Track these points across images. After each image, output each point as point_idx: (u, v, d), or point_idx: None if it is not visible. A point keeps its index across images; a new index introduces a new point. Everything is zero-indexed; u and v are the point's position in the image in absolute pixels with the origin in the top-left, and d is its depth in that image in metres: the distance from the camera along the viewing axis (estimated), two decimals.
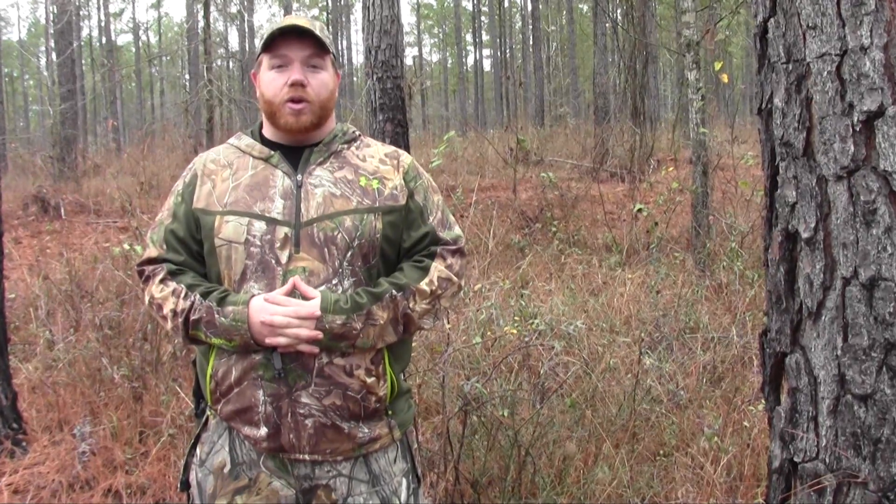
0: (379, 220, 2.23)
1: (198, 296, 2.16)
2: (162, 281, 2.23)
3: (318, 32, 2.25)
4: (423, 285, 2.24)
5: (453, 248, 2.35)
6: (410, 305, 2.22)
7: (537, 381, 4.56)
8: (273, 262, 2.15)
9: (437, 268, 2.29)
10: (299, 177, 2.24)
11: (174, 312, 2.17)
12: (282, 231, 2.16)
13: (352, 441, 2.21)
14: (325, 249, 2.17)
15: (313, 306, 2.09)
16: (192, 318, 2.15)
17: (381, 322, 2.17)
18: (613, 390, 4.67)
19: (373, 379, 2.20)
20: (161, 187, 13.11)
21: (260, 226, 2.17)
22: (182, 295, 2.18)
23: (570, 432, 4.20)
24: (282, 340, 2.08)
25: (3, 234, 4.80)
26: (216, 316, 2.12)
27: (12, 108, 53.27)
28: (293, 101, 2.23)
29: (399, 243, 2.31)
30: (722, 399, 4.68)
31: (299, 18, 2.28)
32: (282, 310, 2.08)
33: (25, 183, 14.92)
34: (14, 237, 10.81)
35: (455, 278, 2.32)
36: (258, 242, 2.16)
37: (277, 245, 2.15)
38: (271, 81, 2.26)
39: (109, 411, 4.74)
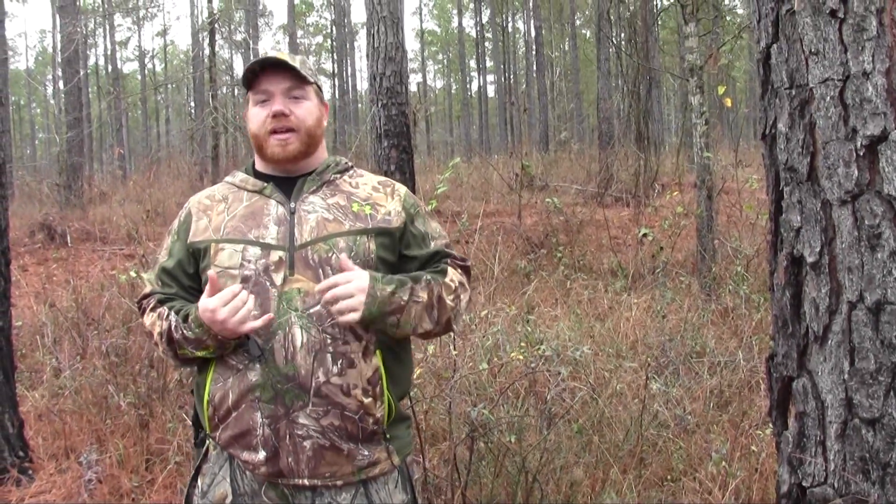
0: (372, 241, 2.27)
1: (173, 314, 2.22)
2: (153, 309, 2.30)
3: (296, 64, 2.30)
4: (447, 281, 2.31)
5: (462, 263, 2.43)
6: (442, 294, 2.27)
7: (544, 406, 4.55)
8: (267, 283, 2.18)
9: (452, 272, 2.36)
10: (292, 204, 2.29)
11: (161, 335, 2.24)
12: (276, 255, 2.20)
13: (351, 463, 2.21)
14: (321, 270, 2.20)
15: (360, 273, 2.14)
16: (175, 336, 2.20)
17: (423, 301, 2.22)
18: (620, 415, 4.66)
19: (370, 399, 2.20)
20: (167, 214, 13.14)
21: (254, 251, 2.21)
22: (164, 316, 2.24)
23: (577, 458, 4.19)
24: (251, 325, 2.10)
25: (11, 262, 4.81)
26: (185, 330, 2.17)
27: (20, 136, 53.62)
28: (277, 131, 2.29)
29: (395, 266, 2.34)
30: (729, 423, 4.66)
31: (279, 53, 2.33)
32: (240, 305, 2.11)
33: (32, 210, 14.99)
34: (20, 264, 10.82)
35: (467, 286, 2.40)
36: (252, 266, 2.20)
37: (272, 268, 2.19)
38: (255, 116, 2.33)
39: (116, 439, 4.74)
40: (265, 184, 2.34)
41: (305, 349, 2.14)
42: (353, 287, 2.11)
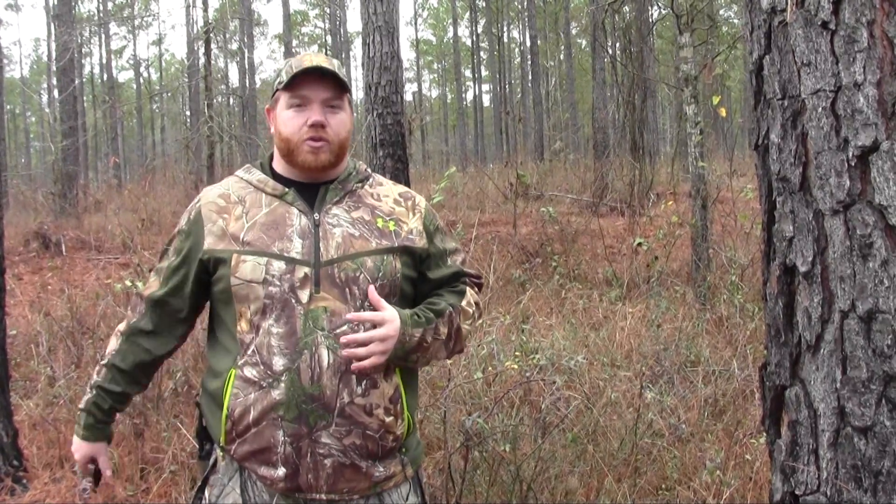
0: (397, 260, 2.25)
1: (94, 388, 2.41)
2: (119, 334, 2.42)
3: (339, 73, 2.26)
4: (465, 306, 2.33)
5: (478, 281, 2.46)
6: (460, 323, 2.30)
7: (539, 415, 4.56)
8: (293, 301, 2.14)
9: (470, 292, 2.38)
10: (316, 215, 2.24)
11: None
12: (301, 271, 2.16)
13: (368, 480, 2.20)
14: (347, 290, 2.17)
15: (392, 317, 2.15)
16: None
17: (443, 336, 2.24)
18: (615, 424, 4.66)
19: (391, 418, 2.20)
20: (162, 223, 13.14)
21: (279, 265, 2.16)
22: (96, 372, 2.43)
23: (571, 467, 4.19)
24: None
25: (5, 271, 4.81)
26: (80, 403, 2.42)
27: (14, 144, 53.54)
28: (312, 139, 2.24)
29: (416, 281, 2.35)
30: (724, 432, 4.67)
31: (319, 57, 2.28)
32: None
33: (27, 219, 14.95)
34: (15, 273, 10.81)
35: (481, 305, 2.43)
36: (277, 282, 2.15)
37: (297, 284, 2.15)
38: (290, 120, 2.26)
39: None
40: (286, 189, 2.28)
41: (332, 370, 2.12)
42: (385, 332, 2.12)
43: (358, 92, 58.12)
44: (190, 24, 40.46)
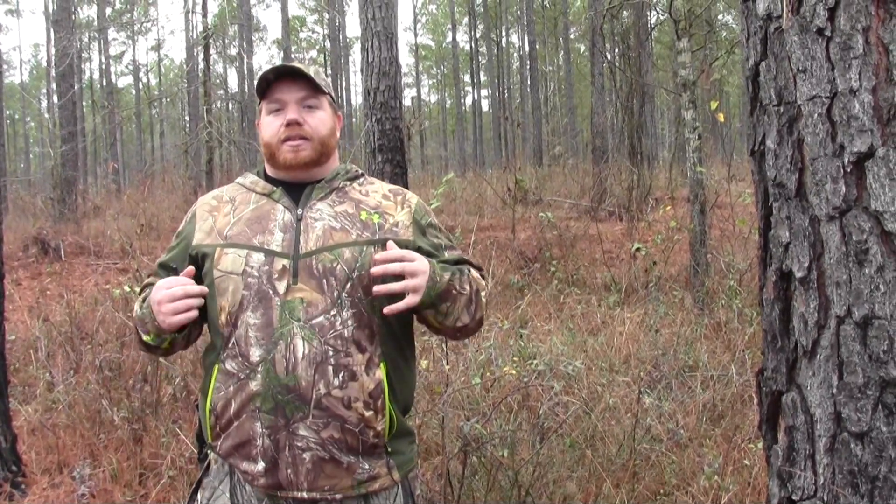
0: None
1: (140, 296, 2.31)
2: (137, 302, 2.35)
3: (311, 73, 2.30)
4: (478, 277, 2.37)
5: (479, 271, 2.46)
6: (479, 287, 2.33)
7: (537, 421, 4.56)
8: (270, 292, 2.17)
9: (475, 273, 2.39)
10: (300, 211, 2.27)
11: (133, 317, 2.29)
12: (280, 262, 2.18)
13: (350, 476, 2.19)
14: (324, 280, 2.18)
15: (419, 256, 2.18)
16: (134, 316, 2.27)
17: (467, 293, 2.26)
18: (613, 430, 4.66)
19: (371, 412, 2.18)
20: (161, 229, 13.15)
21: (258, 257, 2.19)
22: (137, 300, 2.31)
23: (570, 472, 4.19)
24: (179, 319, 2.12)
25: (4, 276, 4.81)
26: (138, 308, 2.25)
27: (14, 149, 53.53)
28: (290, 139, 2.28)
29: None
30: (722, 437, 4.67)
31: (293, 62, 2.33)
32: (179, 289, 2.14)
33: (26, 224, 14.95)
34: (14, 279, 10.81)
35: (483, 286, 2.42)
36: (256, 273, 2.18)
37: (275, 276, 2.17)
38: (268, 125, 2.32)
39: (109, 453, 4.73)
40: (274, 188, 2.33)
41: (307, 360, 2.12)
42: (417, 265, 2.14)
43: (357, 97, 58.22)
44: (189, 30, 40.52)
